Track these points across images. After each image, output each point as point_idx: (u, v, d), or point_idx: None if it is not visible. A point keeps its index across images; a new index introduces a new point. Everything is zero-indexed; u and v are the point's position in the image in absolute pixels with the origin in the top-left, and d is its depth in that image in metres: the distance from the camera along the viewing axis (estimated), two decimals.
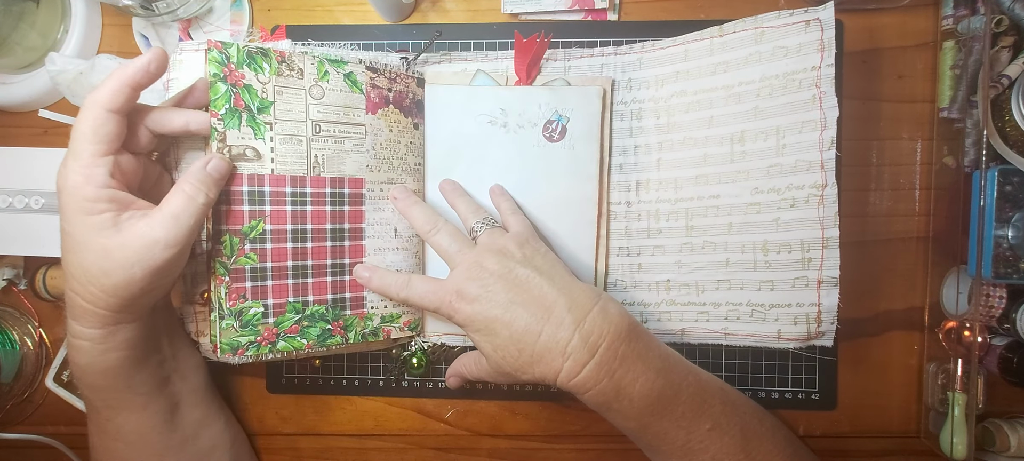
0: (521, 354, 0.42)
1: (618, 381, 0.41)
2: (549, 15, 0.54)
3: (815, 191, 0.48)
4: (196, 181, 0.41)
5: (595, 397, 0.41)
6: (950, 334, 0.51)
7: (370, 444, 0.57)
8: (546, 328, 0.41)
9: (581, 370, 0.40)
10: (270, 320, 0.46)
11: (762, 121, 0.49)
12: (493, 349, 0.43)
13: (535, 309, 0.42)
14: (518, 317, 0.42)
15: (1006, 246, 0.48)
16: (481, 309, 0.43)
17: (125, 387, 0.43)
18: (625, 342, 0.41)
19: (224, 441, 0.52)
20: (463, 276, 0.44)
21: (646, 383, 0.41)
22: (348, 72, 0.48)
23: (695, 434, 0.42)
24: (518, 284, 0.43)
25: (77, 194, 0.38)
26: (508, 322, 0.42)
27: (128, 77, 0.39)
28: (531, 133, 0.52)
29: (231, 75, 0.44)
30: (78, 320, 0.40)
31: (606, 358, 0.41)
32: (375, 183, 0.50)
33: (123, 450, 0.46)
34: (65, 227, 0.39)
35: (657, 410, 0.42)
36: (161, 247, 0.39)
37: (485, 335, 0.43)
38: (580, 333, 0.41)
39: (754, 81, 0.49)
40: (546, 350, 0.41)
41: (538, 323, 0.41)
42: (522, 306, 0.42)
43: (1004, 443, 0.50)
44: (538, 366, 0.41)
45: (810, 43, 0.47)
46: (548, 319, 0.41)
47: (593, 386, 0.41)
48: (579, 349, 0.40)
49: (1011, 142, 0.49)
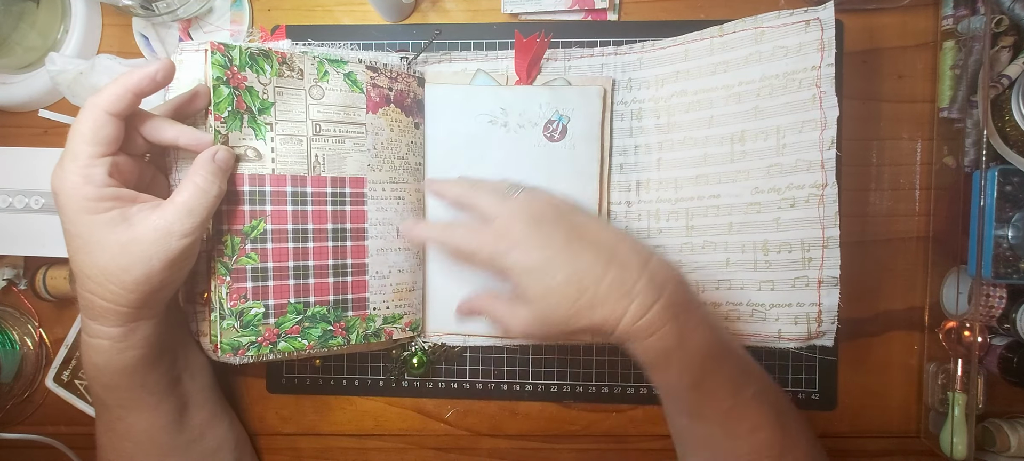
0: (581, 296, 0.39)
1: (682, 326, 0.39)
2: (549, 15, 0.54)
3: (815, 191, 0.48)
4: (206, 172, 0.41)
5: (657, 342, 0.39)
6: (950, 334, 0.52)
7: (370, 444, 0.57)
8: (612, 268, 0.39)
9: (646, 312, 0.39)
10: (271, 320, 0.46)
11: (762, 121, 0.49)
12: (545, 292, 0.40)
13: (598, 250, 0.40)
14: (580, 256, 0.40)
15: (1006, 246, 0.48)
16: (536, 248, 0.40)
17: (139, 386, 0.44)
18: (686, 289, 0.41)
19: (229, 441, 0.52)
20: (514, 218, 0.42)
21: (704, 334, 0.40)
22: (348, 72, 0.48)
23: (740, 398, 0.41)
24: (576, 226, 0.41)
25: (76, 194, 0.38)
26: (568, 261, 0.39)
27: (133, 83, 0.39)
28: (531, 133, 0.52)
29: (234, 78, 0.44)
30: (96, 320, 0.40)
31: (673, 300, 0.39)
32: (377, 182, 0.50)
33: (131, 450, 0.46)
34: (70, 229, 0.39)
35: (711, 365, 0.40)
36: (177, 237, 0.39)
37: (538, 278, 0.40)
38: (648, 273, 0.39)
39: (754, 81, 0.49)
40: (611, 290, 0.39)
41: (602, 264, 0.39)
42: (583, 246, 0.40)
43: (1004, 443, 0.50)
44: (600, 310, 0.39)
45: (810, 43, 0.48)
46: (613, 259, 0.39)
47: (658, 329, 0.39)
48: (646, 289, 0.39)
49: (1011, 142, 0.49)
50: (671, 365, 0.40)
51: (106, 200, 0.38)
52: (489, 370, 0.55)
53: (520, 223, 0.42)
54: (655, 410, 0.55)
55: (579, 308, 0.40)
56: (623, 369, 0.55)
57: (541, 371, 0.55)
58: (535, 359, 0.55)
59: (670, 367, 0.40)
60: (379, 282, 0.50)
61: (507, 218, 0.42)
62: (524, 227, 0.41)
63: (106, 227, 0.38)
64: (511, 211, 0.43)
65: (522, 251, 0.41)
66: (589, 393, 0.55)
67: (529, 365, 0.55)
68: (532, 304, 0.41)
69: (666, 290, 0.39)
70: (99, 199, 0.38)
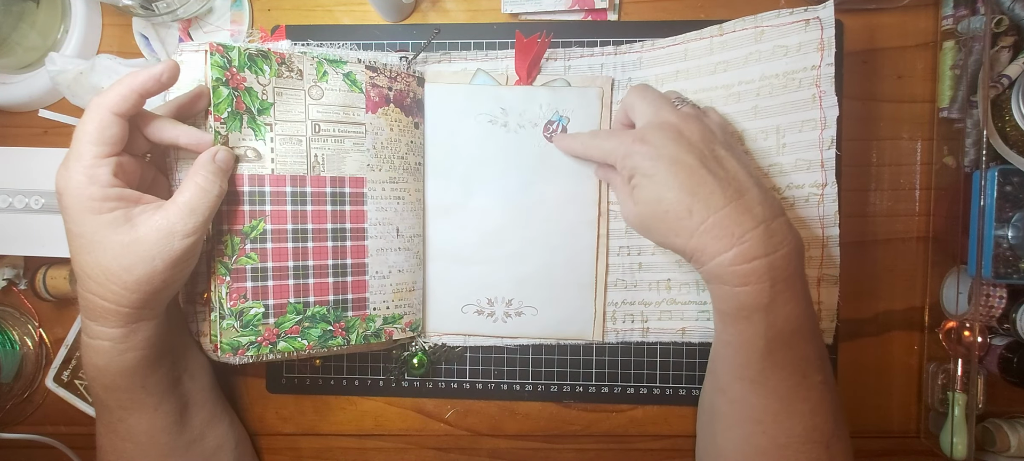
0: (690, 216, 0.40)
1: (777, 292, 0.39)
2: (549, 15, 0.54)
3: (815, 190, 0.48)
4: (208, 173, 0.41)
5: (749, 295, 0.40)
6: (950, 334, 0.51)
7: (370, 444, 0.57)
8: (731, 206, 0.39)
9: (751, 261, 0.39)
10: (271, 320, 0.46)
11: (762, 120, 0.49)
12: (655, 198, 0.41)
13: (727, 185, 0.40)
14: (705, 182, 0.40)
15: (1006, 246, 0.48)
16: (667, 156, 0.41)
17: (140, 387, 0.44)
18: (797, 262, 0.40)
19: (229, 441, 0.52)
20: (657, 127, 0.43)
21: (796, 309, 0.40)
22: (347, 72, 0.48)
23: (806, 381, 0.41)
24: (715, 158, 0.42)
25: (81, 194, 0.38)
26: (693, 182, 0.40)
27: (138, 84, 0.39)
28: (531, 133, 0.52)
29: (233, 79, 0.44)
30: (97, 321, 0.40)
31: (779, 264, 0.39)
32: (376, 182, 0.50)
33: (132, 451, 0.46)
34: (73, 229, 0.39)
35: (791, 341, 0.41)
36: (179, 237, 0.39)
37: (655, 183, 0.41)
38: (766, 228, 0.39)
39: (754, 80, 0.49)
40: (720, 226, 0.39)
41: (725, 198, 0.40)
42: (711, 174, 0.40)
43: (1004, 443, 0.50)
44: (702, 237, 0.40)
45: (810, 42, 0.48)
46: (738, 199, 0.40)
47: (754, 283, 0.39)
48: (759, 242, 0.39)
49: (1011, 142, 0.49)
50: (752, 323, 0.40)
51: (110, 200, 0.39)
52: (489, 370, 0.55)
53: (661, 133, 0.42)
54: (655, 410, 0.55)
55: (677, 228, 0.41)
56: (623, 369, 0.55)
57: (541, 371, 0.55)
58: (535, 359, 0.55)
59: (751, 324, 0.41)
60: (379, 282, 0.50)
61: (654, 126, 0.43)
62: (662, 138, 0.42)
63: (109, 227, 0.38)
64: (661, 120, 0.43)
65: (651, 156, 0.42)
66: (589, 393, 0.55)
67: (529, 365, 0.55)
68: (640, 205, 0.42)
69: (778, 253, 0.39)
70: (103, 199, 0.38)
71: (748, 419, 0.43)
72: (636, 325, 0.53)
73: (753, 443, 0.43)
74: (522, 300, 0.53)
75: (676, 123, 0.43)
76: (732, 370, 0.43)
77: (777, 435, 0.42)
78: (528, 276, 0.53)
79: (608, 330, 0.53)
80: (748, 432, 0.43)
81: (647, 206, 0.42)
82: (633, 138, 0.43)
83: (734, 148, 0.44)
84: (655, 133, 0.43)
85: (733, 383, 0.44)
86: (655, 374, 0.54)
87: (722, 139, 0.43)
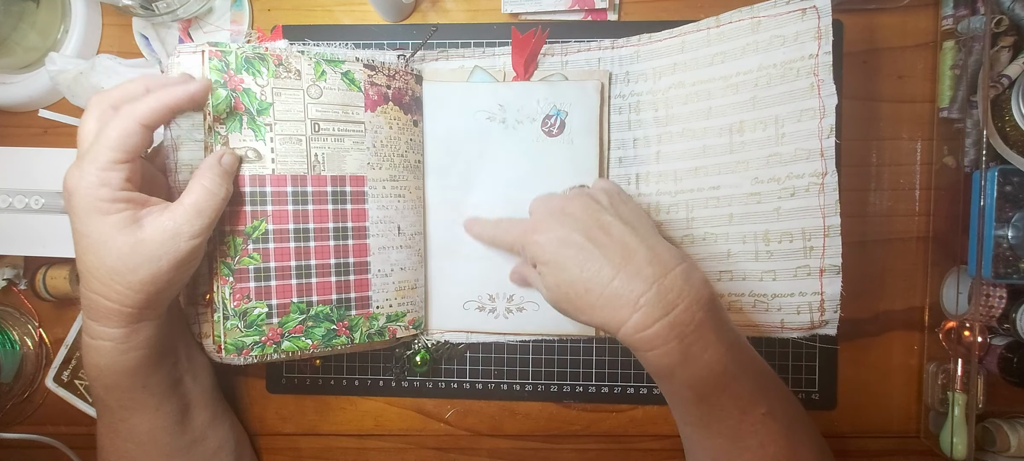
0: (588, 293, 0.41)
1: (688, 346, 0.39)
2: (549, 15, 0.54)
3: (815, 179, 0.48)
4: (214, 175, 0.41)
5: (659, 358, 0.40)
6: (950, 334, 0.51)
7: (370, 444, 0.57)
8: (621, 275, 0.40)
9: (651, 325, 0.39)
10: (274, 320, 0.46)
11: (760, 111, 0.49)
12: (557, 284, 0.42)
13: (613, 253, 0.41)
14: (593, 257, 0.41)
15: (1006, 246, 0.48)
16: (556, 241, 0.42)
17: (141, 387, 0.44)
18: (703, 310, 0.40)
19: (230, 442, 0.52)
20: (545, 213, 0.44)
21: (715, 355, 0.40)
22: (346, 71, 0.48)
23: (749, 417, 0.41)
24: (601, 227, 0.42)
25: (91, 195, 0.38)
26: (581, 260, 0.41)
27: (172, 101, 0.40)
28: (530, 128, 0.52)
29: (231, 80, 0.44)
30: (100, 321, 0.41)
31: (681, 319, 0.39)
32: (377, 180, 0.50)
33: (134, 451, 0.46)
34: (80, 229, 0.39)
35: (720, 385, 0.40)
36: (186, 238, 0.40)
37: (553, 268, 0.42)
38: (658, 288, 0.39)
39: (751, 71, 0.49)
40: (616, 297, 0.40)
41: (613, 268, 0.40)
42: (599, 248, 0.41)
43: (1004, 443, 0.50)
44: (602, 311, 0.40)
45: (807, 31, 0.48)
46: (625, 266, 0.40)
47: (660, 346, 0.39)
48: (653, 304, 0.39)
49: (1011, 142, 0.49)
50: (674, 380, 0.40)
51: (119, 202, 0.39)
52: (489, 370, 0.55)
53: (548, 218, 0.44)
54: (655, 410, 0.55)
55: (583, 305, 0.41)
56: (623, 369, 0.55)
57: (541, 371, 0.55)
58: (535, 359, 0.55)
59: (673, 381, 0.41)
60: (381, 280, 0.50)
61: (542, 211, 0.45)
62: (548, 221, 0.43)
63: (116, 228, 0.38)
64: (547, 206, 0.45)
65: (542, 243, 0.43)
66: (589, 393, 0.55)
67: (529, 365, 0.55)
68: (549, 290, 0.43)
69: (676, 308, 0.39)
70: (112, 200, 0.38)
71: (706, 455, 0.43)
72: None
73: None
74: (523, 295, 0.53)
75: (559, 204, 0.44)
76: (677, 416, 0.44)
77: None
78: None
79: None
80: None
81: (554, 291, 0.43)
82: (526, 228, 0.45)
83: (620, 210, 0.44)
84: (543, 219, 0.44)
85: (682, 427, 0.45)
86: None
87: (607, 204, 0.44)
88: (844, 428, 0.55)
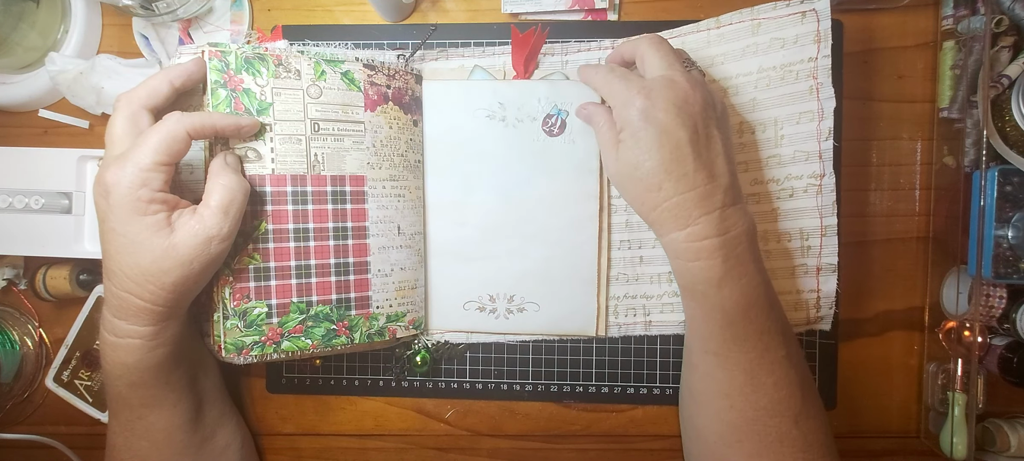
0: (660, 190, 0.42)
1: (730, 267, 0.41)
2: (549, 15, 0.54)
3: (813, 181, 0.48)
4: (228, 172, 0.42)
5: (703, 269, 0.42)
6: (950, 334, 0.52)
7: (370, 444, 0.57)
8: (698, 190, 0.41)
9: (705, 239, 0.41)
10: (274, 320, 0.46)
11: (760, 112, 0.49)
12: (634, 162, 0.42)
13: (703, 169, 0.41)
14: (684, 163, 0.41)
15: (1006, 246, 0.48)
16: (659, 126, 0.41)
17: (164, 383, 0.44)
18: (747, 241, 0.42)
19: (236, 440, 0.52)
20: (663, 86, 0.42)
21: (751, 283, 0.42)
22: (345, 71, 0.48)
23: (768, 355, 0.43)
24: (707, 136, 0.42)
25: (131, 194, 0.38)
26: (673, 159, 0.41)
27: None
28: (530, 127, 0.52)
29: (231, 80, 0.44)
30: (129, 319, 0.41)
31: (731, 242, 0.41)
32: (377, 180, 0.50)
33: (148, 449, 0.46)
34: (116, 227, 0.39)
35: (750, 315, 0.42)
36: (216, 241, 0.40)
37: (639, 148, 0.42)
38: (721, 213, 0.41)
39: (751, 73, 0.49)
40: (684, 205, 0.41)
41: (695, 181, 0.41)
42: (696, 158, 0.41)
43: (1004, 443, 0.50)
44: (665, 212, 0.42)
45: (806, 34, 0.48)
46: (707, 184, 0.41)
47: (706, 258, 0.41)
48: (714, 223, 0.41)
49: (1011, 142, 0.49)
50: (708, 297, 0.42)
51: (155, 203, 0.39)
52: (489, 370, 0.55)
53: (666, 92, 0.42)
54: (655, 410, 0.55)
55: (645, 196, 0.43)
56: (623, 369, 0.55)
57: (541, 371, 0.55)
58: (535, 359, 0.55)
59: (707, 298, 0.42)
60: (381, 280, 0.50)
61: (663, 82, 0.42)
62: (666, 99, 0.42)
63: (151, 230, 0.39)
64: (671, 77, 0.43)
65: (647, 116, 0.42)
66: (589, 393, 0.55)
67: (529, 365, 0.55)
68: (619, 163, 0.43)
69: (729, 234, 0.41)
70: (150, 201, 0.39)
71: (717, 394, 0.44)
72: (638, 319, 0.53)
73: (724, 419, 0.44)
74: (524, 296, 0.53)
75: (685, 86, 0.42)
76: (698, 343, 0.45)
77: (745, 409, 0.43)
78: (529, 271, 0.53)
79: (610, 324, 0.53)
80: (718, 408, 0.44)
81: (625, 166, 0.43)
82: (639, 89, 0.43)
83: (725, 127, 0.44)
84: (661, 90, 0.42)
85: (701, 358, 0.45)
86: (655, 374, 0.54)
87: (718, 115, 0.44)
88: (844, 428, 0.55)
